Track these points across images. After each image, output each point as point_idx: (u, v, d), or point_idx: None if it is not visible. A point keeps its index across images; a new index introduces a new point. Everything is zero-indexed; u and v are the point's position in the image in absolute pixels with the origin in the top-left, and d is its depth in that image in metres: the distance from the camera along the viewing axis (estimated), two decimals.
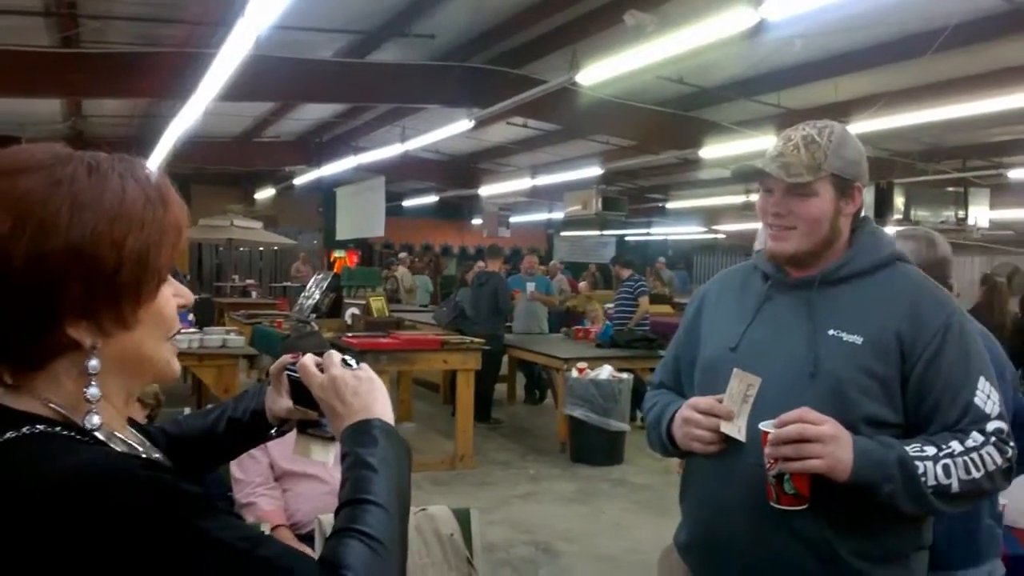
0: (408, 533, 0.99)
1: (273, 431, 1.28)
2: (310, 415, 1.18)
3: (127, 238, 0.87)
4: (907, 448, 1.58)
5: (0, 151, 0.90)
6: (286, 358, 1.21)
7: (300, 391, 1.15)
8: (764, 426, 1.58)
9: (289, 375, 1.20)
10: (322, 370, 1.12)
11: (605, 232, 21.29)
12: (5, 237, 0.83)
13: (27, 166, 0.86)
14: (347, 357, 1.13)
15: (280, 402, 1.25)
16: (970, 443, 1.59)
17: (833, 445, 1.54)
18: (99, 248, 0.85)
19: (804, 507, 1.57)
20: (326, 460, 1.21)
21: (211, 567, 0.81)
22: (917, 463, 1.56)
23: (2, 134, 10.13)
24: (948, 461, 1.57)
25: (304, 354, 1.17)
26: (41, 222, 0.83)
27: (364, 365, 1.13)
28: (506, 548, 5.03)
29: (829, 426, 1.55)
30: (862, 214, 1.82)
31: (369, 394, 1.08)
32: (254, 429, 1.29)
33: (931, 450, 1.58)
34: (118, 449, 0.91)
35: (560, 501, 6.12)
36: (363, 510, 0.94)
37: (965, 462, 1.57)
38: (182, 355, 5.72)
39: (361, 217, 14.93)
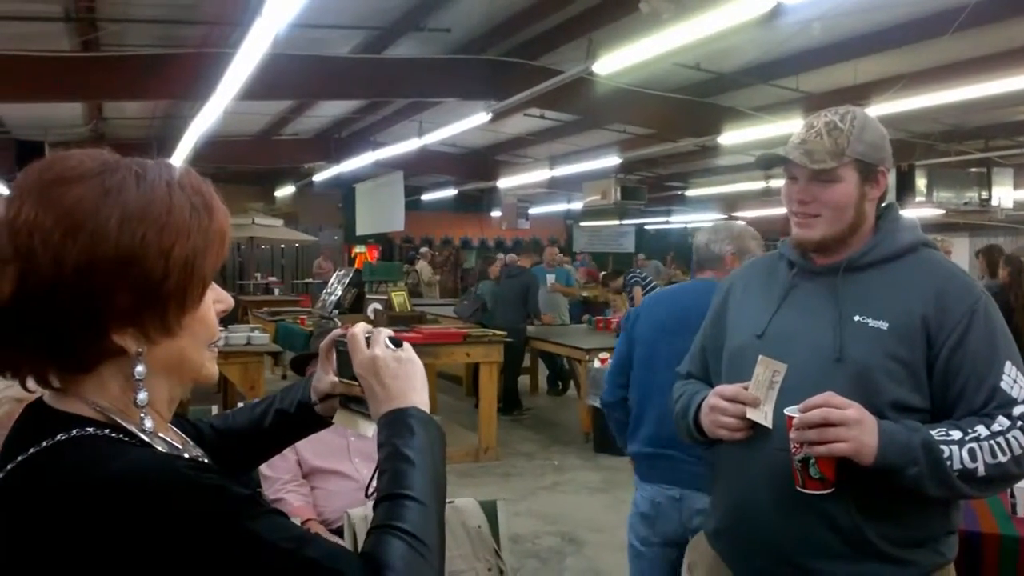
0: (445, 539, 1.00)
1: (315, 403, 1.28)
2: (353, 389, 1.18)
3: (174, 247, 0.88)
4: (932, 432, 1.58)
5: (50, 157, 0.91)
6: (337, 331, 1.21)
7: (346, 364, 1.16)
8: (789, 411, 1.58)
9: (338, 348, 1.21)
10: (369, 345, 1.13)
11: (624, 221, 21.20)
12: (56, 245, 0.84)
13: (77, 174, 0.88)
14: (391, 334, 1.14)
15: (325, 379, 1.25)
16: (996, 427, 1.58)
17: (858, 429, 1.54)
18: (147, 258, 0.87)
19: (830, 491, 1.58)
20: (367, 434, 1.22)
21: (258, 568, 0.82)
22: (942, 447, 1.56)
23: (26, 139, 10.25)
24: (974, 445, 1.56)
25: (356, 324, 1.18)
26: (92, 232, 0.85)
27: (407, 346, 1.13)
28: (532, 539, 5.05)
29: (854, 410, 1.55)
30: (886, 199, 1.82)
31: (408, 379, 1.09)
32: (301, 421, 1.30)
33: (957, 434, 1.57)
34: (162, 450, 0.93)
35: (585, 491, 6.14)
36: (402, 506, 0.95)
37: (991, 446, 1.56)
38: None
39: (380, 212, 14.98)
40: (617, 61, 6.26)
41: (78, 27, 7.23)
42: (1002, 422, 1.59)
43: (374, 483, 1.02)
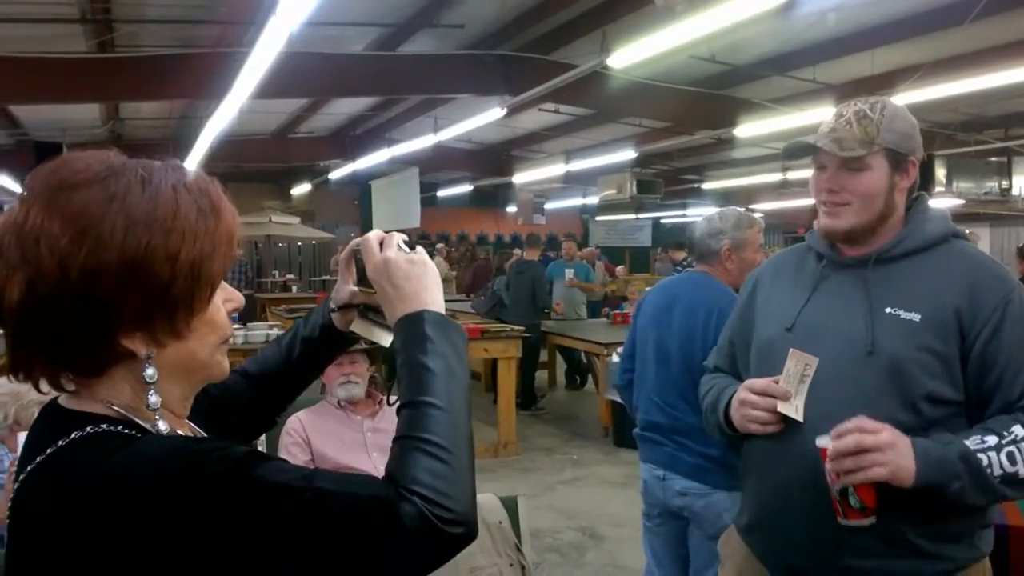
0: (474, 441, 0.99)
1: (333, 310, 1.28)
2: (372, 298, 1.17)
3: (180, 251, 0.88)
4: (968, 442, 1.55)
5: (56, 161, 0.91)
6: (356, 241, 1.20)
7: (364, 273, 1.15)
8: (821, 442, 1.56)
9: (356, 258, 1.20)
10: (382, 249, 1.12)
11: (640, 215, 21.16)
12: (63, 251, 0.84)
13: (83, 179, 0.88)
14: (405, 238, 1.13)
15: (345, 288, 1.25)
16: None
17: (893, 452, 1.52)
18: (153, 262, 0.87)
19: (872, 520, 1.55)
20: (385, 344, 1.21)
21: (274, 511, 0.83)
22: (980, 455, 1.53)
23: (44, 140, 10.32)
24: (1012, 448, 1.54)
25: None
26: (97, 238, 0.85)
27: (420, 249, 1.13)
28: (552, 534, 5.05)
29: (887, 433, 1.53)
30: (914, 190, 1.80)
31: (420, 280, 1.08)
32: (326, 343, 1.31)
33: (992, 439, 1.55)
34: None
35: (605, 486, 6.13)
36: (422, 413, 0.95)
37: None
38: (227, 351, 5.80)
39: (397, 209, 14.99)
40: (632, 54, 6.22)
41: (94, 28, 7.28)
42: None
43: (395, 394, 1.01)
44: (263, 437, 3.49)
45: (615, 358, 7.04)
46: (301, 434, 3.06)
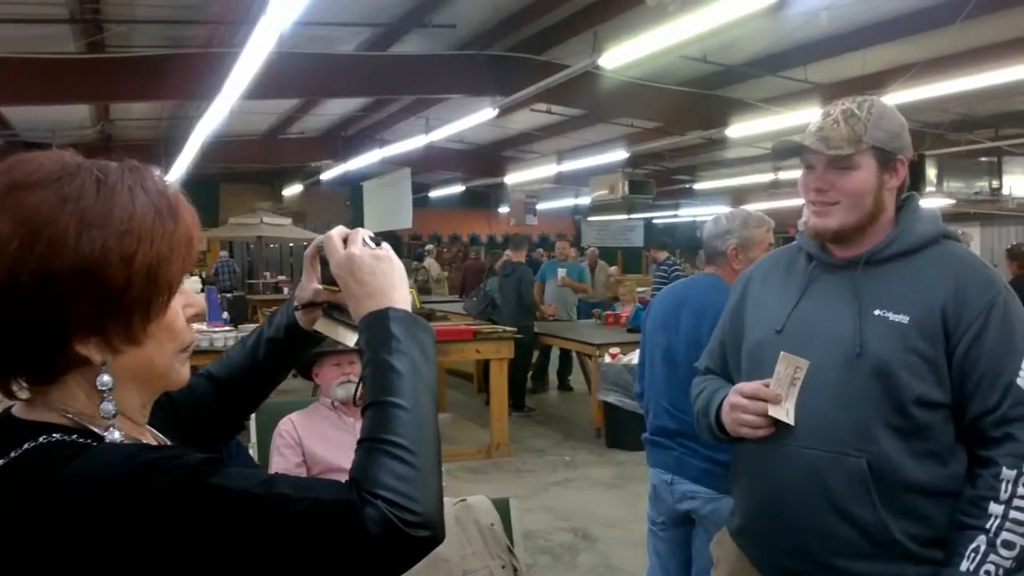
0: (440, 442, 0.96)
1: (297, 308, 1.24)
2: (337, 296, 1.13)
3: (136, 254, 0.86)
4: (967, 564, 1.55)
5: (9, 161, 0.88)
6: (321, 238, 1.17)
7: (329, 269, 1.12)
8: None
9: (321, 254, 1.17)
10: (346, 245, 1.09)
11: (633, 216, 21.16)
12: (13, 255, 0.82)
13: (35, 180, 0.85)
14: (371, 234, 1.11)
15: (309, 286, 1.22)
16: (1005, 490, 1.55)
17: None
18: (108, 265, 0.84)
19: None
20: (349, 344, 1.19)
21: (233, 518, 0.81)
22: (987, 567, 1.54)
23: (34, 141, 10.28)
24: (1003, 535, 1.54)
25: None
26: (49, 240, 0.82)
27: (385, 245, 1.10)
28: (545, 535, 5.04)
29: None
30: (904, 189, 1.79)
31: (385, 276, 1.05)
32: (291, 344, 1.27)
33: (981, 541, 1.55)
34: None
35: (597, 487, 6.13)
36: (387, 415, 0.93)
37: (1016, 516, 1.54)
38: (219, 353, 5.79)
39: (389, 210, 14.98)
40: (623, 54, 6.22)
41: (84, 29, 7.25)
42: (1007, 474, 1.56)
43: (360, 391, 0.99)
44: (255, 439, 3.47)
45: (607, 359, 7.05)
46: (293, 436, 3.04)
